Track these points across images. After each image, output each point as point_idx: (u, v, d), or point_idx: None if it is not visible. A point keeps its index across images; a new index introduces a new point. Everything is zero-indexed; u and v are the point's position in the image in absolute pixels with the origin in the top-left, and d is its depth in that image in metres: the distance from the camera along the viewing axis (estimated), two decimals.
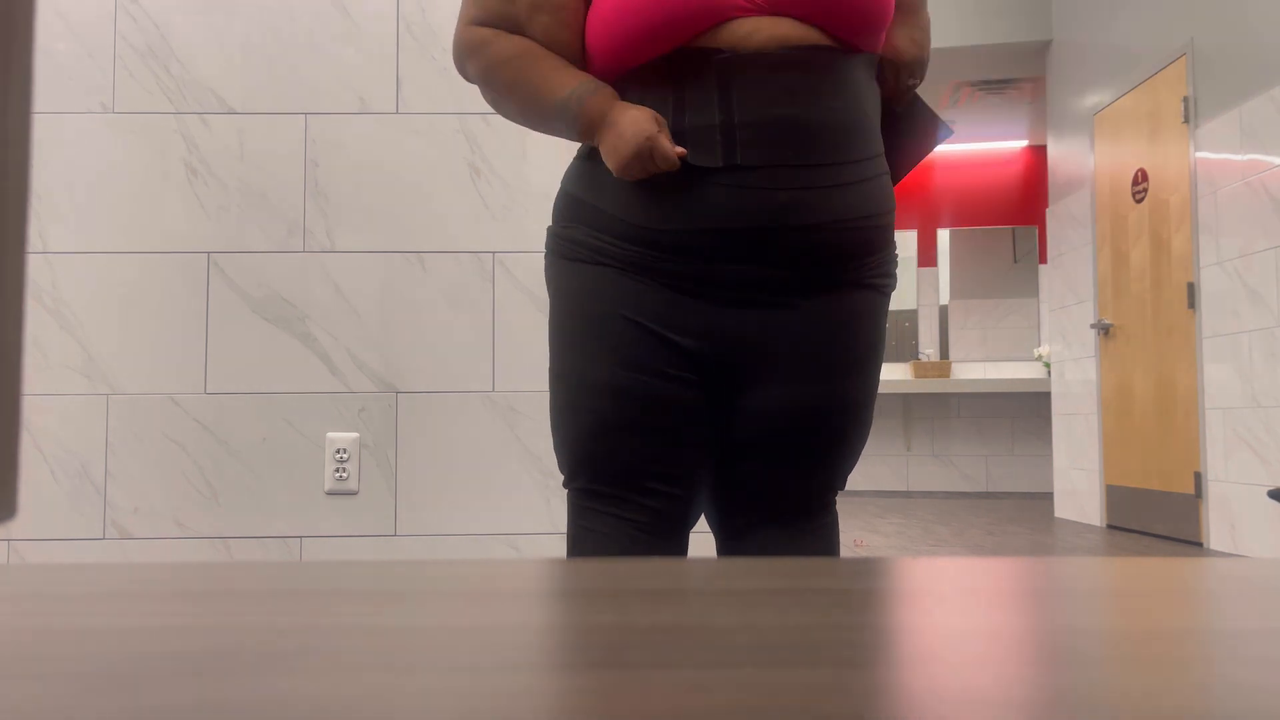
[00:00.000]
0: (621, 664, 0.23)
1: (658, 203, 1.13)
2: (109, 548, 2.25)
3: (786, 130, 1.10)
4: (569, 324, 1.20)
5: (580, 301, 1.18)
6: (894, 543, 5.21)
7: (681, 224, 1.12)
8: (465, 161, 2.33)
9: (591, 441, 1.17)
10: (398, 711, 0.19)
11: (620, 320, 1.16)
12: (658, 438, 1.17)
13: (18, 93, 0.21)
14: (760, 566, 0.39)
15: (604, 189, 1.17)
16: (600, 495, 1.19)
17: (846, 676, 0.22)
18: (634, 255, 1.15)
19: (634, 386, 1.15)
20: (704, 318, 1.16)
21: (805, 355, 1.18)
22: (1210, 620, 0.29)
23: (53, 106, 2.32)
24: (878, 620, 0.29)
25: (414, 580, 0.36)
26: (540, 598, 0.33)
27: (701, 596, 0.33)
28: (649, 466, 1.17)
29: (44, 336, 2.28)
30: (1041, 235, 9.12)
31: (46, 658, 0.24)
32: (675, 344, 1.16)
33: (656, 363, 1.16)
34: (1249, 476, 4.62)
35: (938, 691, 0.21)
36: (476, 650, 0.25)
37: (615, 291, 1.16)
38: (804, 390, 1.19)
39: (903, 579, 0.36)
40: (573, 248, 1.20)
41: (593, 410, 1.17)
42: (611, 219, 1.16)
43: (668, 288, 1.15)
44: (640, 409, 1.16)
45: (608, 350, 1.16)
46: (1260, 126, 4.54)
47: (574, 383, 1.18)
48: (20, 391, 0.22)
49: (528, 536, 2.28)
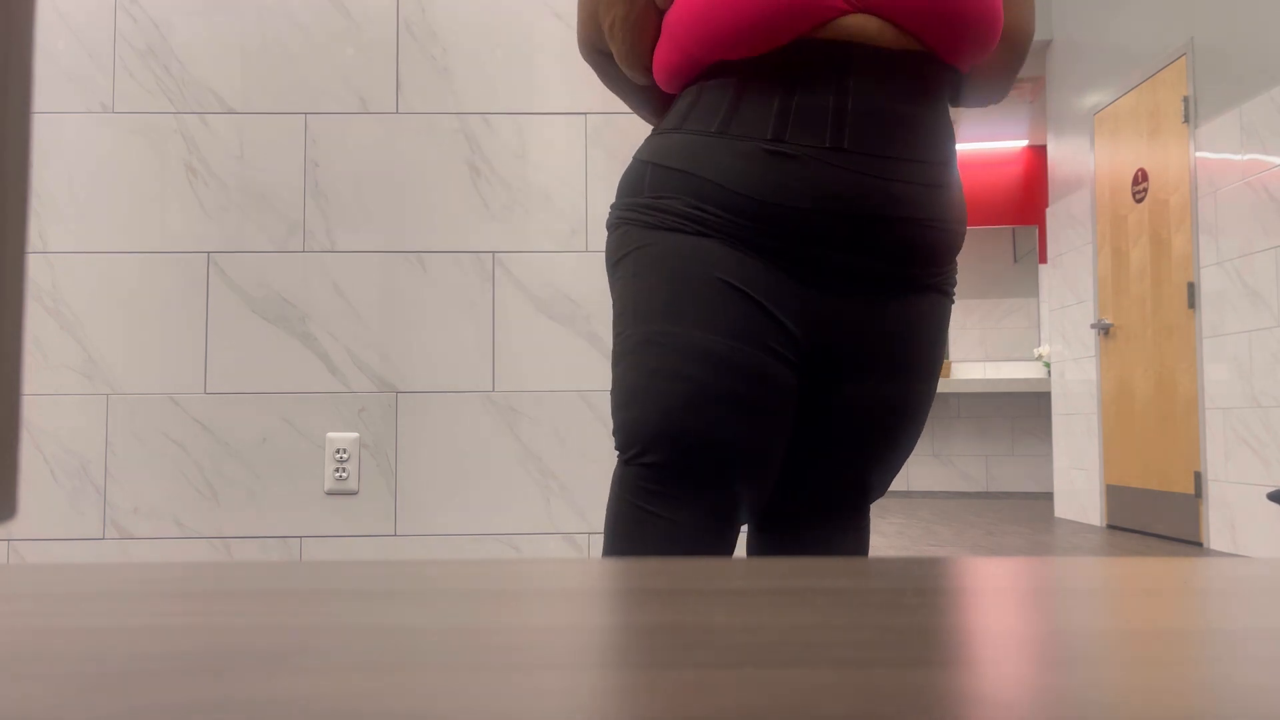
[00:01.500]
0: (621, 664, 0.23)
1: (764, 175, 1.09)
2: (109, 548, 2.25)
3: (896, 124, 1.11)
4: (664, 289, 1.10)
5: (678, 265, 1.10)
6: (894, 543, 5.21)
7: (788, 199, 1.09)
8: (465, 161, 2.33)
9: (685, 412, 1.07)
10: (398, 711, 0.19)
11: (726, 287, 1.08)
12: (760, 417, 1.09)
13: (18, 93, 0.21)
14: (762, 566, 0.39)
15: (703, 159, 1.12)
16: (680, 475, 1.09)
17: (846, 676, 0.22)
18: (737, 227, 1.10)
19: (740, 357, 1.07)
20: (805, 302, 1.13)
21: (888, 353, 1.18)
22: (1210, 620, 0.29)
23: (53, 106, 2.32)
24: (878, 620, 0.29)
25: (414, 580, 0.36)
26: (540, 598, 0.33)
27: (702, 596, 0.33)
28: (745, 448, 1.08)
29: (44, 336, 2.28)
30: (1041, 235, 9.12)
31: (46, 658, 0.24)
32: (780, 322, 1.11)
33: (764, 336, 1.09)
34: (1249, 476, 4.62)
35: (938, 691, 0.21)
36: (476, 650, 0.25)
37: (720, 258, 1.09)
38: (879, 388, 1.18)
39: (903, 579, 0.36)
40: (666, 217, 1.12)
41: (690, 378, 1.07)
42: (716, 187, 1.10)
43: (772, 265, 1.11)
44: (749, 384, 1.07)
45: (712, 315, 1.08)
46: (1260, 126, 4.54)
47: (670, 347, 1.08)
48: (20, 391, 0.22)
49: (528, 536, 2.28)
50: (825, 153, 1.09)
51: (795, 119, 1.09)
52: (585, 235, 2.34)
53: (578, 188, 2.34)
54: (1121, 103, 5.88)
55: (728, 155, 1.10)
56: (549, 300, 2.32)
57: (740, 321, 1.08)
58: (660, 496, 1.10)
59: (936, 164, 1.15)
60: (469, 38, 2.36)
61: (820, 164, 1.09)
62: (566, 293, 2.32)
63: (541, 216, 2.33)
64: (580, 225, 2.34)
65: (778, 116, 1.10)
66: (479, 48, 2.36)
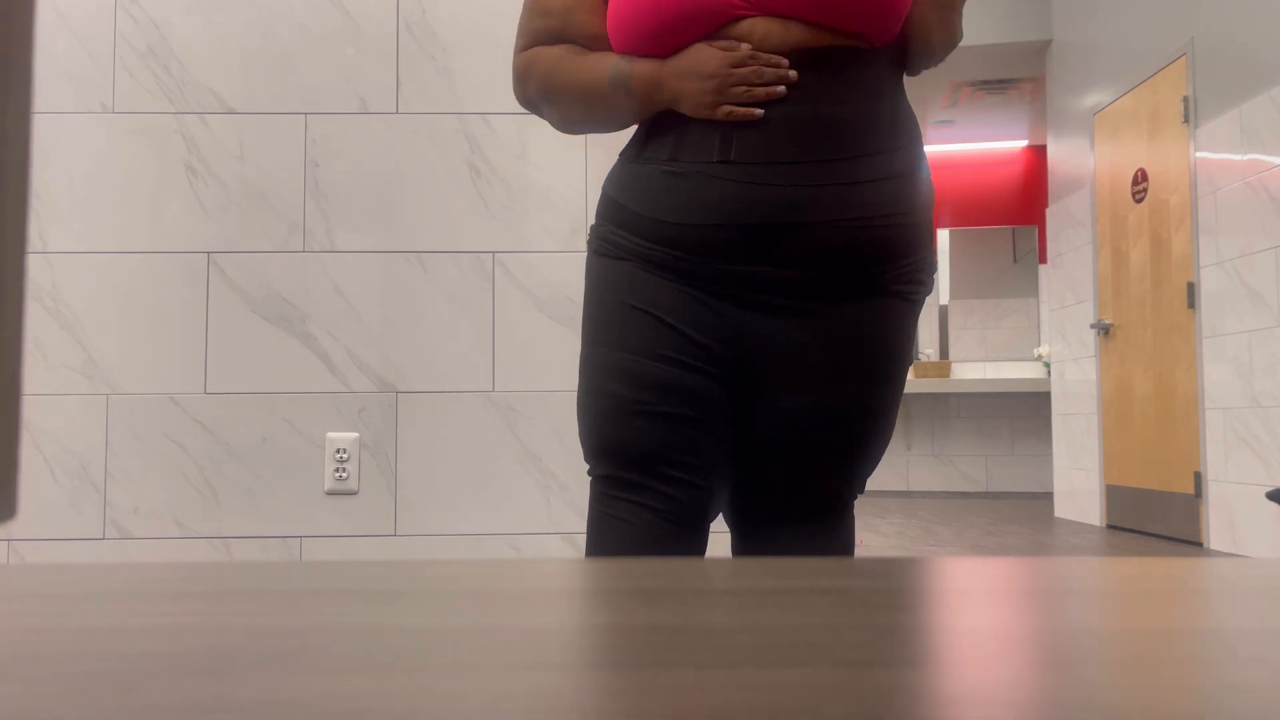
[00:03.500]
0: (622, 664, 0.23)
1: (661, 196, 1.14)
2: (109, 548, 2.25)
3: (793, 127, 1.10)
4: (592, 313, 1.22)
5: (602, 292, 1.20)
6: (894, 543, 5.21)
7: (683, 217, 1.13)
8: (465, 161, 2.33)
9: (610, 426, 1.17)
10: (398, 712, 0.19)
11: (636, 312, 1.17)
12: (676, 423, 1.16)
13: (18, 93, 0.21)
14: (761, 566, 0.39)
15: (632, 189, 1.18)
16: (621, 482, 1.18)
17: (846, 676, 0.22)
18: (656, 253, 1.16)
19: (650, 372, 1.16)
20: (723, 318, 1.16)
21: (827, 363, 1.17)
22: (1210, 620, 0.29)
23: (53, 106, 2.32)
24: (878, 620, 0.29)
25: (414, 580, 0.36)
26: (540, 598, 0.33)
27: (701, 596, 0.33)
28: (667, 452, 1.16)
29: (44, 336, 2.28)
30: (1041, 235, 9.12)
31: (46, 658, 0.24)
32: (692, 338, 1.16)
33: (674, 352, 1.16)
34: (1249, 476, 4.62)
35: (938, 692, 0.21)
36: (476, 650, 0.25)
37: (634, 284, 1.17)
38: (824, 396, 1.18)
39: (903, 579, 0.36)
40: (605, 245, 1.22)
41: (610, 395, 1.17)
42: (636, 216, 1.17)
43: (689, 286, 1.16)
44: (658, 395, 1.15)
45: (625, 338, 1.17)
46: (1260, 126, 4.54)
47: (592, 369, 1.20)
48: (20, 391, 0.22)
49: (528, 536, 2.28)
50: (712, 166, 1.11)
51: (689, 138, 1.13)
52: (585, 235, 2.34)
53: (578, 188, 2.34)
54: (1121, 103, 5.88)
55: (643, 180, 1.17)
56: (549, 300, 2.32)
57: (650, 341, 1.16)
58: (613, 500, 1.19)
59: (866, 158, 1.11)
60: (469, 38, 2.36)
61: (707, 179, 1.12)
62: (566, 293, 2.32)
63: (541, 216, 2.33)
64: (580, 225, 2.34)
65: (675, 137, 1.15)
66: (479, 48, 2.36)
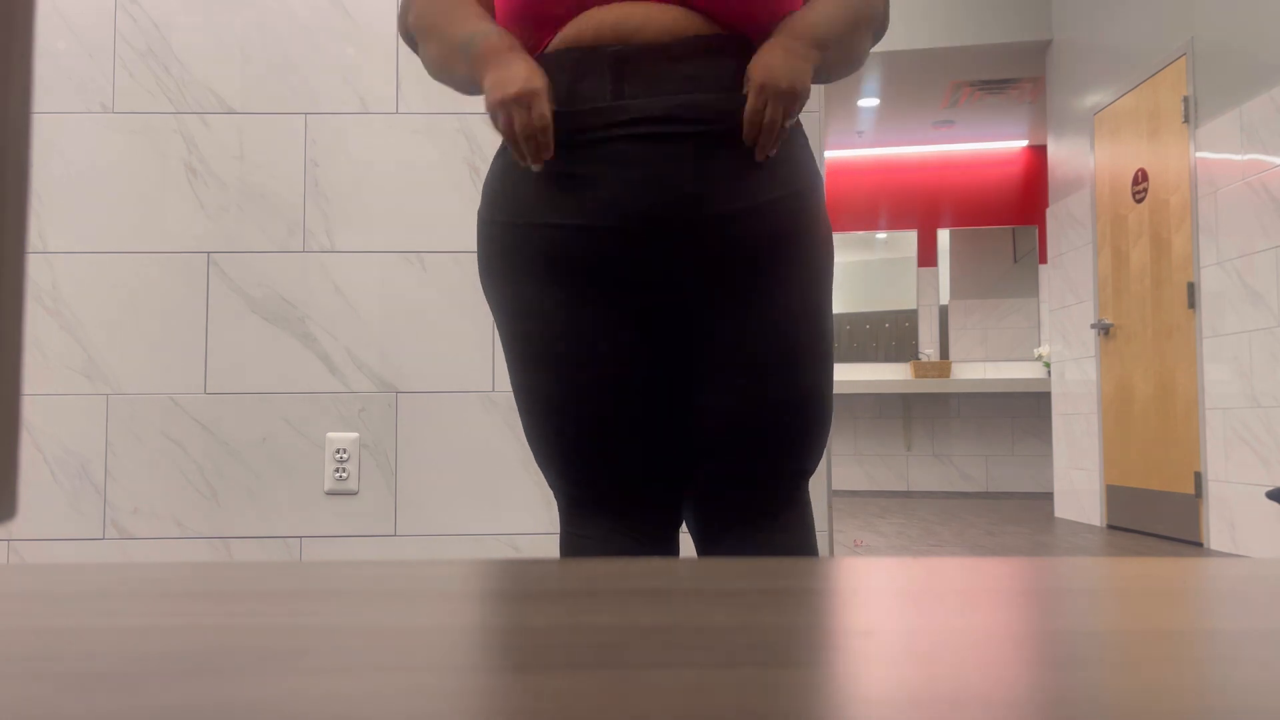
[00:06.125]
0: (621, 664, 0.23)
1: (565, 196, 1.11)
2: (109, 548, 2.25)
3: (681, 120, 1.08)
4: (508, 344, 1.20)
5: (511, 319, 1.17)
6: (894, 543, 5.21)
7: (592, 219, 1.10)
8: (465, 161, 2.33)
9: (558, 455, 1.18)
10: (397, 711, 0.19)
11: (552, 337, 1.15)
12: (609, 444, 1.16)
13: (18, 93, 0.21)
14: (759, 566, 0.39)
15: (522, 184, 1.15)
16: (580, 501, 1.19)
17: (846, 677, 0.22)
18: (557, 253, 1.13)
19: (574, 397, 1.15)
20: (632, 312, 1.15)
21: (746, 353, 1.14)
22: (1210, 620, 0.29)
23: (53, 106, 2.32)
24: (878, 621, 0.29)
25: (414, 580, 0.36)
26: (540, 598, 0.33)
27: (701, 596, 0.33)
28: (607, 470, 1.17)
29: (44, 336, 2.28)
30: (1041, 235, 9.12)
31: (46, 658, 0.24)
32: (615, 340, 1.15)
33: (599, 362, 1.14)
34: (1249, 476, 4.62)
35: (938, 692, 0.21)
36: (476, 650, 0.25)
37: (541, 305, 1.14)
38: (751, 386, 1.15)
39: (903, 579, 0.36)
40: (496, 247, 1.18)
41: (544, 428, 1.18)
42: (532, 210, 1.14)
43: (593, 285, 1.13)
44: (589, 421, 1.15)
45: (544, 365, 1.15)
46: (1260, 126, 4.54)
47: (523, 400, 1.19)
48: (20, 391, 0.22)
49: (528, 536, 2.28)
50: (619, 167, 1.10)
51: (582, 130, 1.11)
52: None
53: None
54: (1121, 103, 5.88)
55: (538, 179, 1.14)
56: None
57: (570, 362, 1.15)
58: (572, 518, 1.21)
59: (749, 150, 1.10)
60: None
61: (614, 180, 1.10)
62: None
63: None
64: None
65: None
66: None
